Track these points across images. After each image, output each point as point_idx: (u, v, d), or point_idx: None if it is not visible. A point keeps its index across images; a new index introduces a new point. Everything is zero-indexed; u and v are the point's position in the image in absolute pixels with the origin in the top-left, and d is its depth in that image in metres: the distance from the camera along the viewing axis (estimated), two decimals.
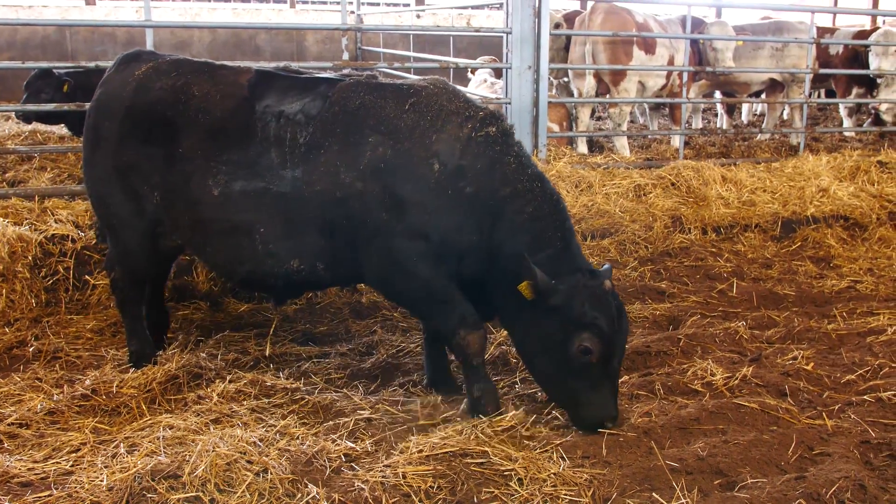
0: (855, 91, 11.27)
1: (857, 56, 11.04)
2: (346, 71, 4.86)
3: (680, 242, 6.94)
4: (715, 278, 6.32)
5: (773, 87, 10.90)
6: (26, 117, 8.48)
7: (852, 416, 3.98)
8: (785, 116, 12.92)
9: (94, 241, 5.73)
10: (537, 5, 7.29)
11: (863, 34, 11.37)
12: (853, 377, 4.46)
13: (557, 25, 9.31)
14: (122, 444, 3.67)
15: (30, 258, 5.52)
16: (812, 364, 4.59)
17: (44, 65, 8.15)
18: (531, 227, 3.83)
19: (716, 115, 13.45)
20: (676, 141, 9.66)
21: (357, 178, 3.89)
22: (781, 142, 10.76)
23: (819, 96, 13.14)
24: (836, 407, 4.09)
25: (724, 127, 11.54)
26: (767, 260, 6.86)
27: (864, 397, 4.19)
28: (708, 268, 6.52)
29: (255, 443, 3.58)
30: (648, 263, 6.54)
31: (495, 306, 4.06)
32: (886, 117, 10.96)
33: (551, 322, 3.69)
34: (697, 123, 11.60)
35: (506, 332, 4.64)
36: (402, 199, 3.86)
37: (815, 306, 5.84)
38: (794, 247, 7.22)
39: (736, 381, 4.31)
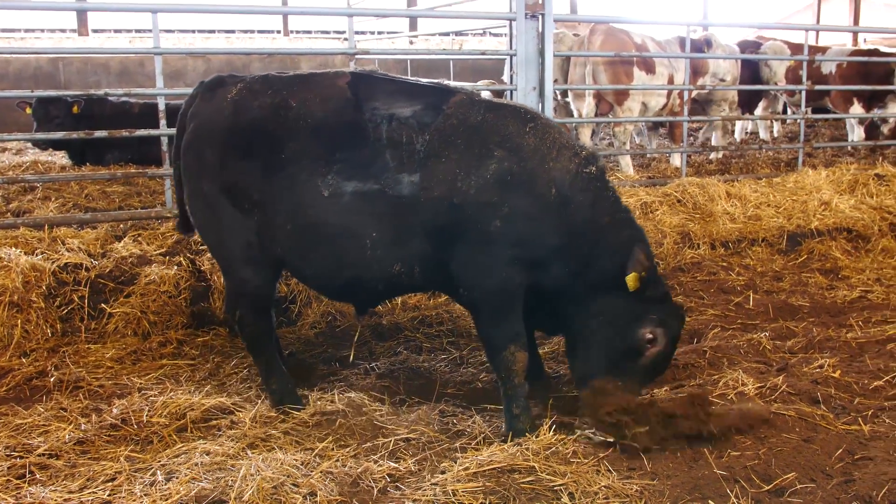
0: (853, 107, 11.46)
1: (857, 73, 11.22)
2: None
3: (691, 258, 7.00)
4: (729, 292, 6.36)
5: None
6: (41, 145, 8.38)
7: (887, 420, 4.01)
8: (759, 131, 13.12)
9: (108, 269, 5.68)
10: (541, 28, 7.36)
11: (859, 52, 11.57)
12: (881, 383, 4.50)
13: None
14: (159, 472, 3.61)
15: (44, 287, 5.46)
16: (839, 372, 4.63)
17: (52, 93, 8.12)
18: (625, 248, 4.07)
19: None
20: (677, 159, 9.77)
21: (479, 188, 3.99)
22: (776, 158, 10.90)
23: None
24: (870, 412, 4.11)
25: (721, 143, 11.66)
26: (777, 273, 6.92)
27: None
28: (721, 282, 6.57)
29: (297, 466, 3.55)
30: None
31: (559, 316, 4.28)
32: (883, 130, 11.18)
33: (630, 313, 4.07)
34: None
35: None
36: (520, 212, 4.00)
37: (830, 316, 5.89)
38: (801, 259, 7.29)
39: (768, 390, 4.33)
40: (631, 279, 3.98)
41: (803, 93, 9.89)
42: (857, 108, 11.39)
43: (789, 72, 11.79)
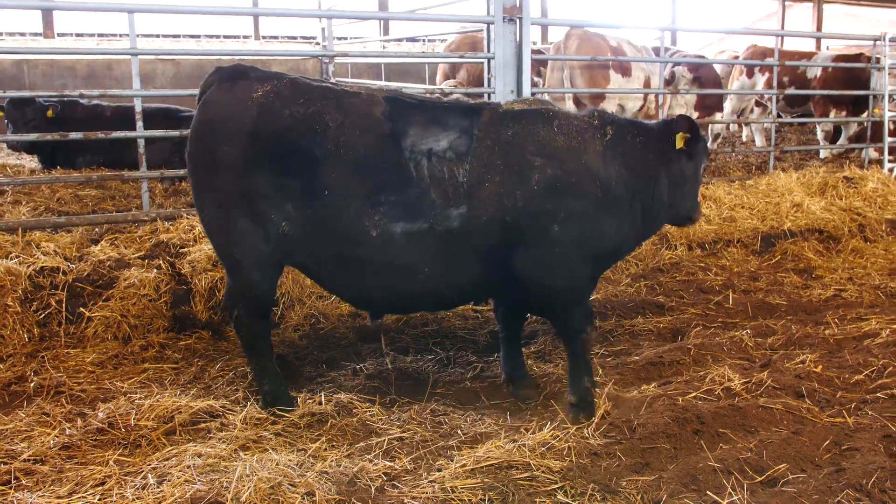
0: (833, 112, 11.69)
1: (838, 78, 11.42)
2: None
3: (669, 258, 7.10)
4: (708, 291, 6.46)
5: None
6: (15, 147, 8.19)
7: (870, 412, 4.11)
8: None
9: (85, 273, 5.59)
10: (518, 31, 7.41)
11: (843, 58, 11.78)
12: (861, 377, 4.60)
13: None
14: (150, 475, 3.56)
15: (20, 292, 5.35)
16: (820, 367, 4.72)
17: (26, 94, 7.96)
18: (670, 192, 4.56)
19: None
20: None
21: (528, 198, 4.08)
22: (746, 161, 11.09)
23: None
24: (853, 405, 4.21)
25: None
26: (753, 273, 7.04)
27: (877, 395, 4.32)
28: (700, 282, 6.66)
29: (293, 466, 3.53)
30: (642, 279, 6.65)
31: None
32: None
33: (689, 164, 4.63)
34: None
35: None
36: (575, 213, 4.13)
37: (807, 314, 6.00)
38: (775, 260, 7.42)
39: (753, 385, 4.40)
40: (679, 138, 4.49)
41: (773, 98, 10.06)
42: (833, 114, 11.63)
43: (771, 78, 11.99)
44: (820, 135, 12.33)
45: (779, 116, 12.81)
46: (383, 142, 4.06)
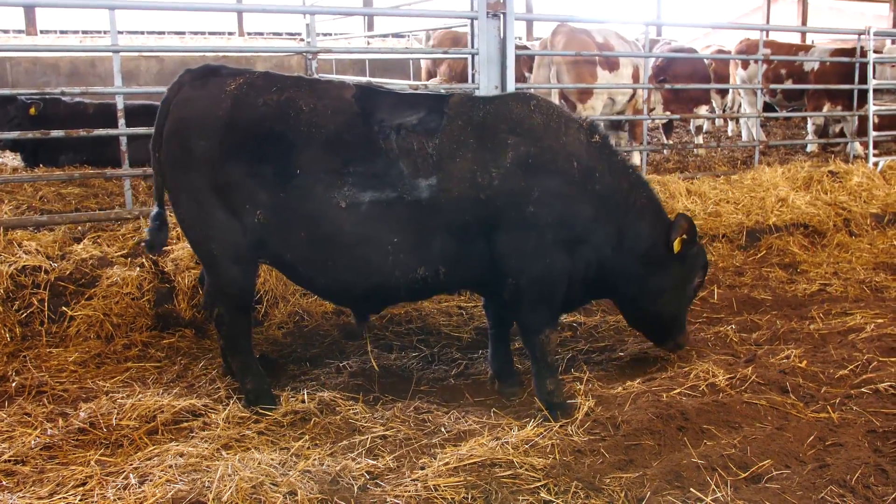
0: (827, 106, 11.68)
1: (837, 72, 11.40)
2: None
3: None
4: None
5: None
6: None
7: (854, 408, 4.11)
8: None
9: (67, 272, 5.55)
10: (502, 26, 7.39)
11: (839, 51, 11.75)
12: (845, 372, 4.60)
13: None
14: (131, 475, 3.53)
15: (1, 291, 5.31)
16: (805, 362, 4.72)
17: (6, 91, 7.87)
18: (649, 208, 4.53)
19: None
20: (636, 157, 9.89)
21: (502, 176, 4.06)
22: (731, 156, 11.11)
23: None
24: (837, 400, 4.21)
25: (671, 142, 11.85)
26: (738, 268, 7.05)
27: (862, 390, 4.32)
28: None
29: (275, 465, 3.50)
30: None
31: (609, 286, 4.60)
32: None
33: (682, 270, 4.63)
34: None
35: None
36: (551, 192, 4.11)
37: (792, 309, 6.01)
38: (760, 254, 7.43)
39: (738, 381, 4.40)
40: (677, 243, 4.45)
41: (759, 93, 10.08)
42: (826, 108, 11.62)
43: (769, 71, 12.00)
44: (811, 128, 12.33)
45: (773, 110, 12.86)
46: (354, 119, 4.10)
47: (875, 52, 10.83)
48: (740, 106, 13.40)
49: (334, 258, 4.11)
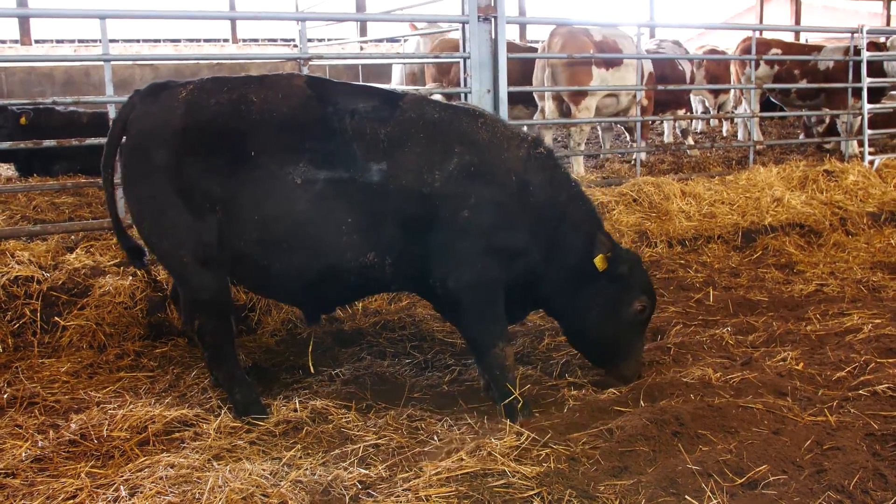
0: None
1: (847, 69, 11.30)
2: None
3: (649, 256, 7.06)
4: (689, 289, 6.43)
5: None
6: None
7: (852, 410, 4.06)
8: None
9: (60, 282, 5.52)
10: (494, 30, 7.37)
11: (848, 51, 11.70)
12: (843, 374, 4.56)
13: None
14: (122, 487, 3.49)
15: None
16: (802, 364, 4.69)
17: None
18: (587, 221, 4.50)
19: (659, 133, 13.77)
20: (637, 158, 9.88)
21: (445, 179, 4.16)
22: (727, 156, 11.09)
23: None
24: (835, 403, 4.16)
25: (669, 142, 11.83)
26: (734, 269, 7.02)
27: (860, 392, 4.28)
28: (680, 279, 6.63)
29: (266, 476, 3.47)
30: None
31: (543, 299, 4.60)
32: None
33: (613, 289, 4.46)
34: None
35: None
36: (487, 200, 4.21)
37: (788, 310, 5.97)
38: (756, 255, 7.41)
39: (734, 384, 4.37)
40: (599, 261, 4.35)
41: (752, 92, 10.06)
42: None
43: (782, 70, 11.94)
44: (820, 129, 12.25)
45: (781, 109, 12.80)
46: (308, 102, 4.19)
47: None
48: (740, 105, 13.36)
49: (289, 238, 4.11)
